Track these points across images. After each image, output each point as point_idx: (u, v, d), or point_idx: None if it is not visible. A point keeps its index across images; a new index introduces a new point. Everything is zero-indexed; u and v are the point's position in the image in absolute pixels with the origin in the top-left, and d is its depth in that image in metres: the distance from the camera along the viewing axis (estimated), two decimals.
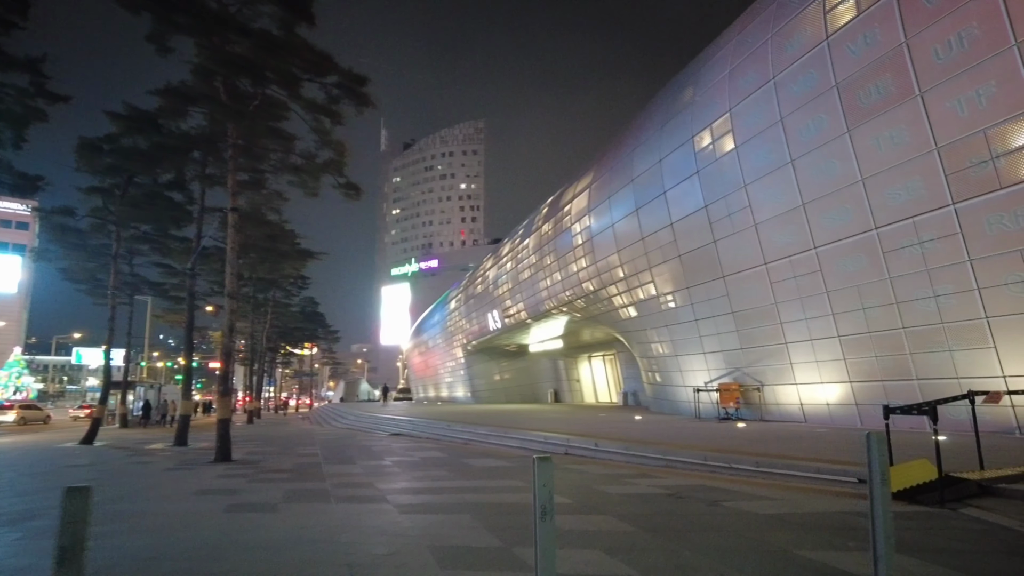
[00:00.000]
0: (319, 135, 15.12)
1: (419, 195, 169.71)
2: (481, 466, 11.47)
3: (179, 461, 14.44)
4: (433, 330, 57.21)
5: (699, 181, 18.69)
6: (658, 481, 8.92)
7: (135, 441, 22.37)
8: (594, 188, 24.93)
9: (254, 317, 44.59)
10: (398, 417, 26.25)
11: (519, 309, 34.26)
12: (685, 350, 21.00)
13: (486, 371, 46.58)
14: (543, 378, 45.05)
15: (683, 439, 13.02)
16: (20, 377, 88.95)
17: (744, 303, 17.98)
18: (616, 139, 25.08)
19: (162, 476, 11.68)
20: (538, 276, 30.87)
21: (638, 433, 14.77)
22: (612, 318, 26.14)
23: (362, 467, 12.01)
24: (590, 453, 12.68)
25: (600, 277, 24.72)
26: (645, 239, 21.33)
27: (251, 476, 11.09)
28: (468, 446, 16.42)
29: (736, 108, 17.26)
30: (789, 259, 16.13)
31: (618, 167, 23.06)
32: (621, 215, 22.54)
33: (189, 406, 20.98)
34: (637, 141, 22.09)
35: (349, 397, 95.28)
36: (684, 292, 20.20)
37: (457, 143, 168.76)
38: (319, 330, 70.48)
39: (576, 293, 27.13)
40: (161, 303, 44.75)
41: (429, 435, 20.20)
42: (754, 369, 18.09)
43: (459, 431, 18.80)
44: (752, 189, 16.88)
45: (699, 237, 19.01)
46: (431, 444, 17.39)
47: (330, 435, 23.84)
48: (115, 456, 16.28)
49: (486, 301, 40.06)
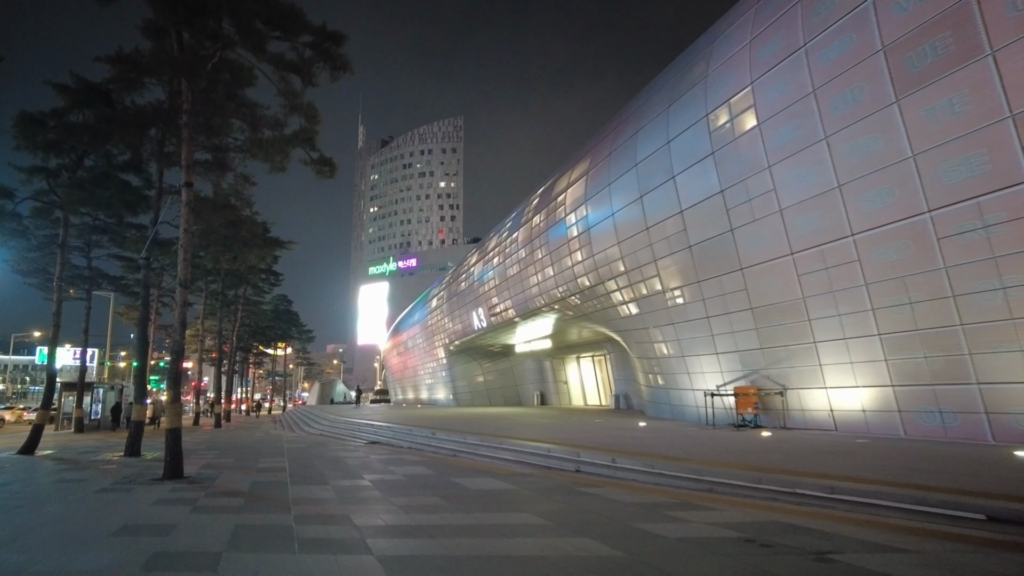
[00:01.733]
0: (287, 98, 12.98)
1: (397, 193, 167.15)
2: (478, 489, 9.49)
3: (121, 477, 12.23)
4: (413, 329, 54.94)
5: (714, 163, 16.92)
6: (713, 515, 7.03)
7: (85, 449, 19.98)
8: (591, 175, 23.06)
9: (223, 314, 42.06)
10: (375, 423, 24.13)
11: (506, 307, 32.28)
12: (694, 350, 19.21)
13: (468, 372, 44.50)
14: (528, 380, 43.11)
15: (712, 453, 11.16)
16: None
17: (765, 298, 16.23)
18: (615, 122, 23.25)
19: (88, 501, 9.50)
20: (528, 272, 28.93)
21: (655, 445, 12.89)
22: (608, 316, 24.29)
23: (335, 489, 9.95)
24: (607, 472, 10.76)
25: (598, 271, 22.84)
26: (650, 229, 19.51)
27: (197, 502, 8.99)
28: (456, 459, 14.41)
29: (759, 81, 15.50)
30: (820, 248, 14.40)
31: (619, 152, 21.21)
32: (623, 203, 20.70)
33: (142, 411, 18.62)
34: (640, 123, 20.27)
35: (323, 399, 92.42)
36: (695, 287, 18.41)
37: (436, 140, 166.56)
38: (293, 329, 67.90)
39: (570, 289, 25.23)
40: (123, 300, 42.12)
41: (410, 444, 18.16)
42: (775, 371, 16.35)
43: (444, 440, 16.80)
44: (777, 171, 15.13)
45: (713, 226, 17.23)
46: (413, 456, 15.35)
47: (300, 443, 21.64)
48: (47, 470, 13.98)
49: (470, 299, 38.00)
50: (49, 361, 21.92)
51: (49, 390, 21.57)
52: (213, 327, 41.89)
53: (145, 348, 19.45)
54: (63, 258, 21.65)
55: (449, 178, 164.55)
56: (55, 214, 22.57)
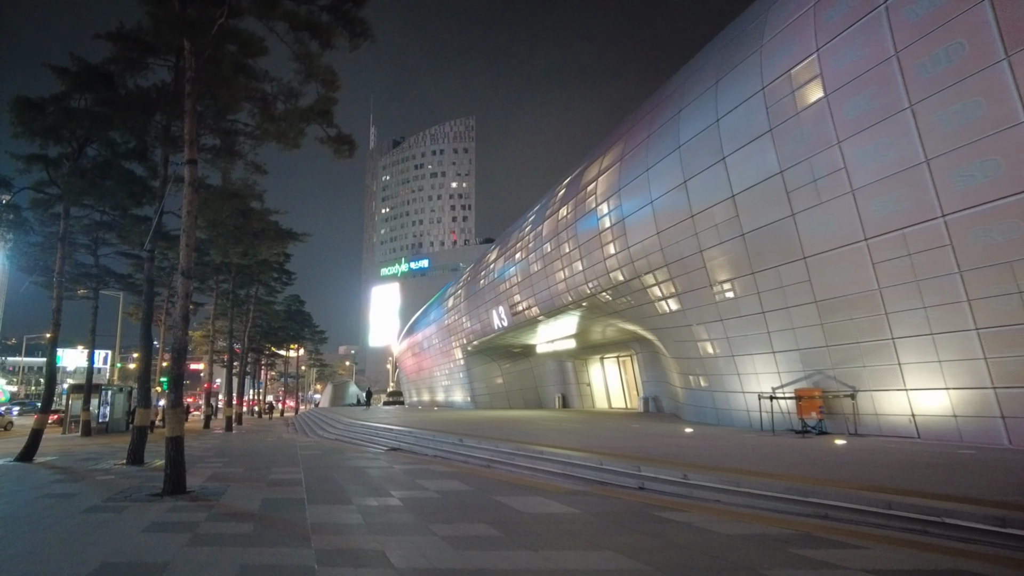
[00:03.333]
0: (302, 61, 11.46)
1: (408, 194, 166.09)
2: (532, 513, 7.91)
3: (116, 492, 10.76)
4: (428, 330, 53.41)
5: (772, 142, 15.26)
6: (864, 557, 5.39)
7: (87, 455, 18.60)
8: (626, 161, 21.42)
9: (234, 314, 40.76)
10: (394, 427, 22.60)
11: (529, 305, 30.67)
12: (746, 349, 17.54)
13: (487, 373, 42.89)
14: (549, 381, 41.43)
15: (800, 467, 9.50)
16: None
17: (832, 290, 14.54)
18: (651, 104, 21.60)
19: (69, 526, 8.02)
20: (554, 267, 27.30)
21: (723, 456, 11.24)
22: (644, 313, 22.63)
23: (361, 511, 8.40)
24: (679, 490, 9.14)
25: (633, 265, 21.19)
26: (695, 217, 17.87)
27: (198, 527, 7.49)
28: (491, 472, 12.83)
29: (826, 48, 13.83)
30: (902, 232, 12.71)
31: (659, 134, 19.57)
32: (663, 190, 19.05)
33: (146, 415, 17.17)
34: (684, 101, 18.62)
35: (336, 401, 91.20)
36: (748, 279, 16.74)
37: (448, 140, 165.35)
38: (305, 330, 66.66)
39: (601, 284, 23.58)
40: (132, 299, 40.96)
41: (435, 452, 16.60)
42: (844, 371, 14.65)
43: (474, 448, 15.23)
44: (849, 147, 13.45)
45: (771, 211, 15.57)
46: (442, 467, 13.78)
47: (315, 449, 20.15)
48: (37, 482, 12.54)
49: (490, 297, 36.42)
50: (48, 361, 20.57)
51: (49, 392, 20.18)
52: (224, 327, 40.57)
53: (149, 347, 18.03)
54: (63, 252, 20.31)
55: (461, 178, 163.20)
56: (55, 208, 21.24)
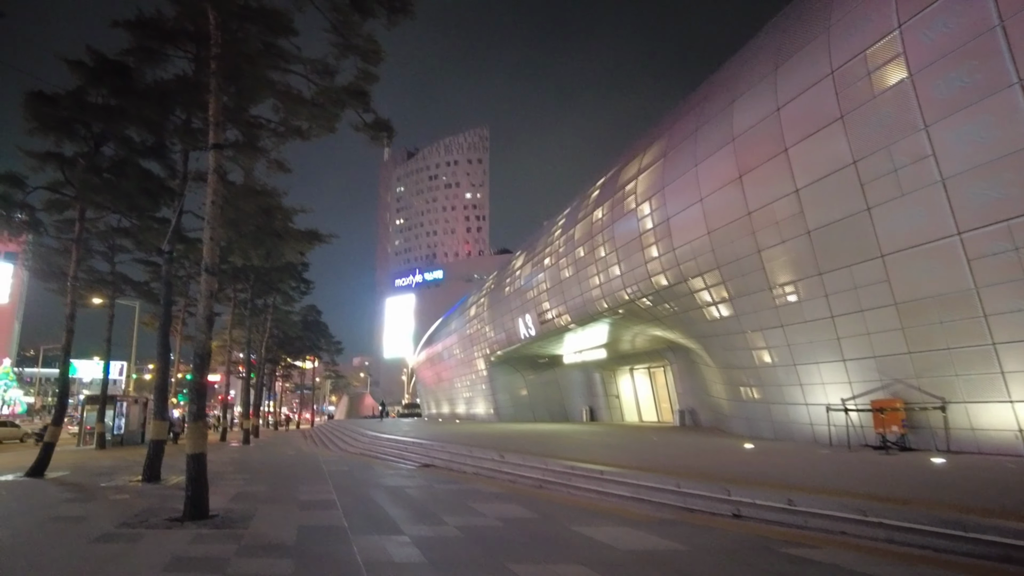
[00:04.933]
0: (339, 32, 10.30)
1: (423, 204, 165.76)
2: (627, 550, 6.58)
3: (130, 515, 9.53)
4: (449, 339, 52.12)
5: (843, 130, 13.93)
6: None
7: (101, 470, 17.48)
8: (671, 157, 20.12)
9: (252, 324, 39.77)
10: (423, 441, 21.30)
11: (560, 312, 29.32)
12: (811, 357, 16.11)
13: (511, 384, 41.50)
14: (576, 393, 39.96)
15: (921, 490, 8.07)
16: (7, 390, 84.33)
17: (917, 290, 13.12)
18: (698, 97, 20.31)
19: (75, 561, 6.80)
20: (587, 272, 25.97)
21: (820, 477, 9.84)
22: (689, 319, 21.23)
23: (417, 543, 7.12)
24: (787, 519, 7.76)
25: (679, 268, 19.83)
26: (753, 214, 16.52)
27: (227, 567, 6.24)
28: (547, 493, 11.50)
29: (911, 22, 12.52)
30: (1006, 224, 11.29)
31: (709, 127, 18.28)
32: (715, 186, 17.73)
33: (162, 428, 16.04)
34: (737, 91, 17.34)
35: (352, 413, 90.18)
36: (814, 280, 15.35)
37: (461, 151, 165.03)
38: (321, 341, 65.66)
39: (641, 290, 22.21)
40: (148, 308, 40.12)
41: (475, 468, 15.28)
42: (931, 380, 13.19)
43: (519, 466, 13.88)
44: (938, 131, 12.09)
45: (841, 205, 14.20)
46: (488, 486, 12.47)
47: (341, 463, 18.91)
48: (46, 501, 11.36)
49: (516, 305, 35.11)
50: (62, 371, 19.52)
51: (62, 403, 19.11)
52: (241, 337, 39.59)
53: (167, 355, 16.90)
54: (78, 255, 19.33)
55: (475, 189, 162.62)
56: (70, 212, 20.29)
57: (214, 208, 10.08)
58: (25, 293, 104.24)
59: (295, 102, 11.82)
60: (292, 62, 11.94)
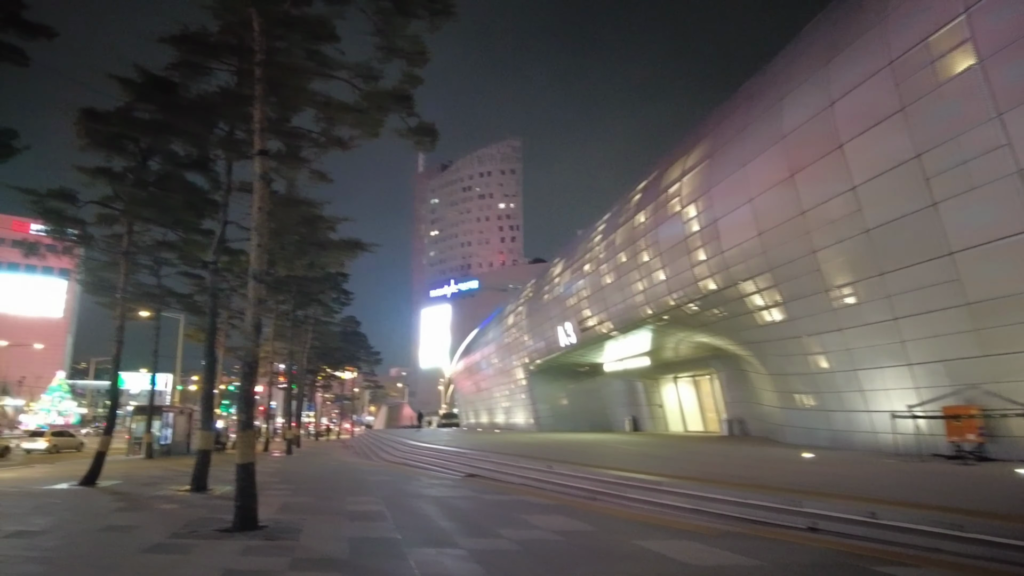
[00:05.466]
0: (383, 35, 10.16)
1: (456, 216, 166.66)
2: (700, 566, 6.12)
3: (180, 525, 9.42)
4: (487, 349, 51.90)
5: (904, 122, 13.26)
6: None
7: (150, 479, 17.68)
8: (717, 157, 19.57)
9: (293, 335, 40.19)
10: (466, 450, 21.01)
11: (601, 319, 28.80)
12: (872, 362, 15.34)
13: (551, 394, 40.99)
14: (618, 402, 39.22)
15: (1018, 506, 7.44)
16: (62, 402, 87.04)
17: (992, 289, 12.36)
18: (744, 95, 19.73)
19: (129, 570, 6.67)
20: (630, 278, 25.44)
21: (894, 488, 9.23)
22: (739, 325, 20.53)
23: (476, 558, 6.79)
24: (868, 533, 7.18)
25: (728, 271, 19.20)
26: (807, 214, 15.87)
27: None
28: (601, 505, 11.05)
29: (980, 5, 11.86)
30: None
31: (756, 125, 17.71)
32: (765, 186, 17.12)
33: (208, 439, 16.07)
34: (786, 87, 16.75)
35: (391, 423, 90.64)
36: (875, 281, 14.62)
37: (494, 162, 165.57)
38: (360, 351, 66.15)
39: (688, 295, 21.60)
40: (193, 321, 40.92)
41: (521, 479, 14.88)
42: (1010, 386, 12.36)
43: (568, 477, 13.42)
44: (1014, 118, 11.38)
45: (904, 202, 13.50)
46: (537, 498, 12.08)
47: (384, 473, 18.76)
48: (98, 510, 11.39)
49: (555, 313, 34.68)
50: (112, 383, 19.84)
51: (112, 414, 19.43)
52: (284, 349, 40.03)
53: (213, 365, 17.03)
54: (127, 268, 19.67)
55: (508, 199, 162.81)
56: (118, 226, 20.69)
57: (261, 215, 10.00)
58: (77, 308, 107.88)
59: (339, 109, 11.72)
60: (335, 68, 11.87)
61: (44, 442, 35.29)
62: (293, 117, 15.45)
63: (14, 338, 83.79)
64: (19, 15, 13.38)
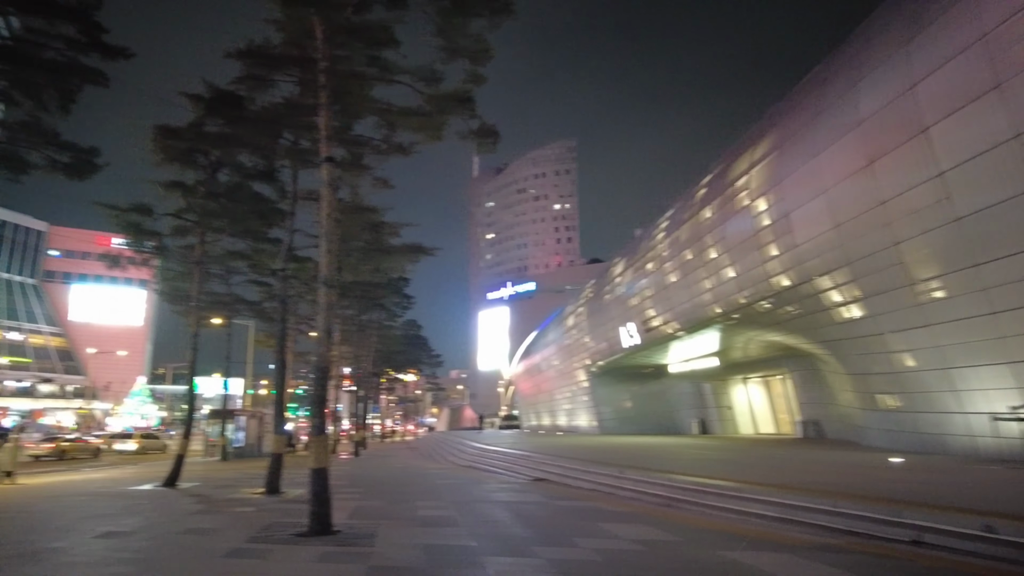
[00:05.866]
0: (445, 35, 10.06)
1: (512, 218, 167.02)
2: None
3: (258, 529, 9.57)
4: (547, 351, 51.60)
5: (1000, 99, 12.27)
6: None
7: (225, 481, 18.27)
8: (787, 148, 18.70)
9: (358, 339, 41.04)
10: (531, 454, 20.80)
11: (666, 320, 28.07)
12: (967, 360, 14.28)
13: (614, 396, 40.32)
14: (684, 405, 38.23)
15: None
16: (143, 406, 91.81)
17: None
18: (814, 81, 18.77)
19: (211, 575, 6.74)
20: (696, 276, 24.68)
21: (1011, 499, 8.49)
22: (815, 323, 19.56)
23: (555, 566, 6.54)
24: (984, 549, 6.58)
25: (803, 266, 18.31)
26: (887, 203, 14.93)
27: None
28: (678, 513, 10.62)
29: None
30: None
31: (829, 112, 16.81)
32: (841, 176, 16.22)
33: (281, 442, 16.45)
34: (862, 71, 15.83)
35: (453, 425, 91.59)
36: (967, 273, 13.60)
37: (549, 163, 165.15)
38: (421, 354, 67.04)
39: (759, 292, 20.74)
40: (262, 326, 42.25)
41: (591, 484, 14.54)
42: None
43: (641, 483, 13.00)
44: None
45: (1000, 186, 12.48)
46: (610, 504, 11.74)
47: (451, 476, 18.76)
48: (180, 512, 11.73)
49: (617, 313, 34.09)
50: (189, 388, 20.60)
51: (189, 418, 20.18)
52: (348, 353, 40.89)
53: (283, 371, 17.38)
54: (200, 276, 20.36)
55: (564, 199, 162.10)
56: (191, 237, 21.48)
57: (329, 221, 10.06)
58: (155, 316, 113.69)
59: (401, 114, 11.71)
60: (397, 73, 11.87)
61: (134, 443, 37.53)
62: (355, 125, 15.72)
63: (101, 346, 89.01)
64: (101, 39, 13.99)
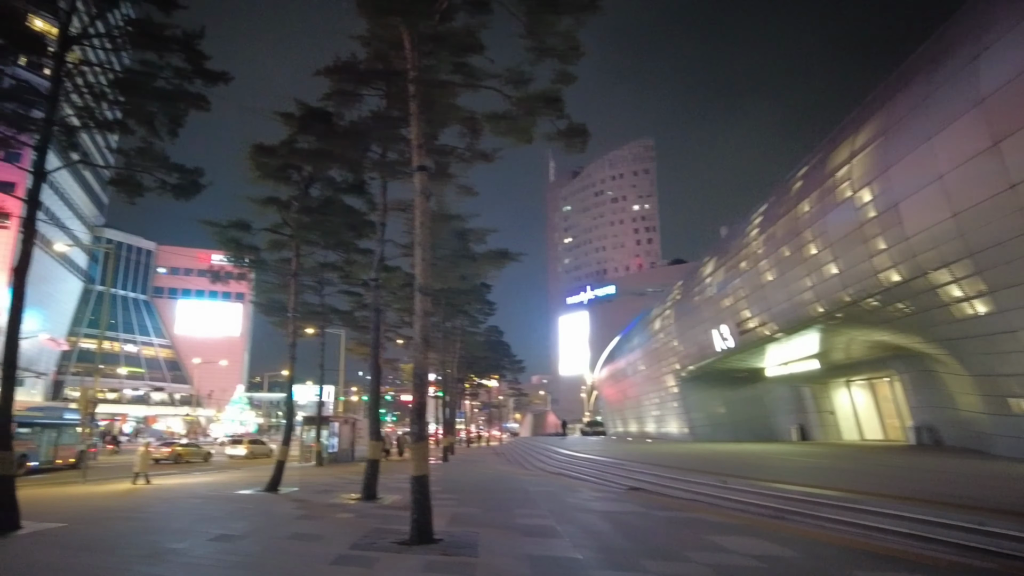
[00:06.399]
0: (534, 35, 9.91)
1: (590, 221, 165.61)
2: None
3: (359, 535, 9.68)
4: (632, 355, 50.54)
5: None
6: None
7: (322, 487, 18.83)
8: (893, 132, 17.37)
9: (443, 345, 41.72)
10: (623, 462, 20.27)
11: (763, 320, 26.76)
12: None
13: (706, 402, 38.89)
14: (782, 410, 36.37)
15: None
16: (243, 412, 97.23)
17: None
18: (924, 58, 17.36)
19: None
20: (794, 274, 23.35)
21: None
22: (931, 320, 18.05)
23: None
24: None
25: (915, 259, 16.93)
26: (1017, 187, 13.55)
27: None
28: (791, 526, 9.94)
29: None
30: None
31: (943, 91, 15.48)
32: (959, 160, 14.87)
33: (377, 448, 16.75)
34: (982, 42, 14.47)
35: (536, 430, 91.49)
36: None
37: (626, 164, 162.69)
38: (504, 360, 67.36)
39: (866, 288, 19.35)
40: (352, 335, 43.72)
41: (690, 495, 13.94)
42: None
43: (745, 492, 12.32)
44: None
45: None
46: (714, 515, 11.15)
47: (542, 484, 18.52)
48: (284, 516, 12.09)
49: (708, 315, 32.86)
50: (287, 396, 21.45)
51: (289, 425, 20.98)
52: (434, 359, 41.60)
53: (377, 378, 17.74)
54: (296, 287, 21.16)
55: (642, 200, 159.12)
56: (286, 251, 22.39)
57: (423, 229, 10.11)
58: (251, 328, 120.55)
59: (489, 119, 11.67)
60: (483, 78, 11.85)
61: (244, 448, 39.91)
62: (440, 134, 15.91)
63: (204, 356, 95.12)
64: (204, 66, 14.79)
